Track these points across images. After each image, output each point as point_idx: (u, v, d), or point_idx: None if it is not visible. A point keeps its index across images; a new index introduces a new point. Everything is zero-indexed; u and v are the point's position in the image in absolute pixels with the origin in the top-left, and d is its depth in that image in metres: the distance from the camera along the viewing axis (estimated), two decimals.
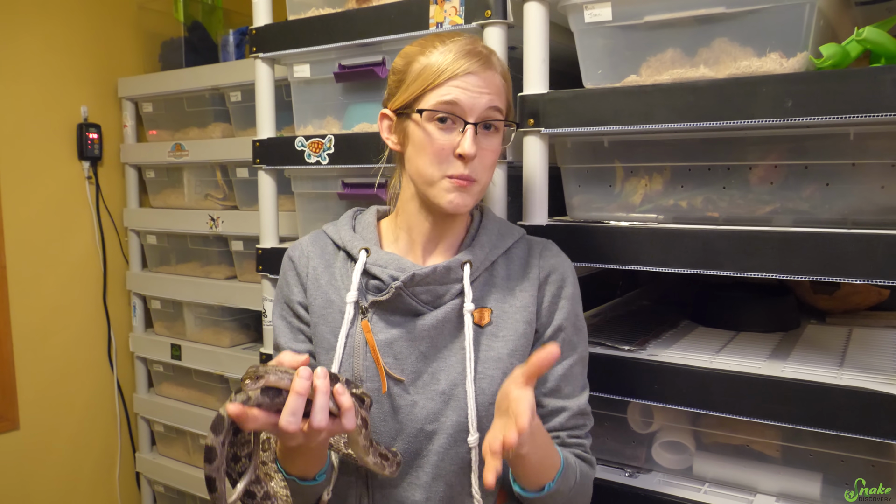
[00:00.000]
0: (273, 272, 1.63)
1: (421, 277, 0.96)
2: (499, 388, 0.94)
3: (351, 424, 0.78)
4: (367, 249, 1.00)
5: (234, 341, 2.28)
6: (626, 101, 1.11)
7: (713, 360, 1.14)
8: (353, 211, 1.11)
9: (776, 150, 1.10)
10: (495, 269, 1.02)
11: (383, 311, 0.98)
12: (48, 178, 2.32)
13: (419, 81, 0.95)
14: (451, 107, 0.93)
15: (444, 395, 0.95)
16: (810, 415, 1.01)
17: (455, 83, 0.93)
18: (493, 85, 0.95)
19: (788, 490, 1.12)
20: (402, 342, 0.96)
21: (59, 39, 2.31)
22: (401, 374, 0.96)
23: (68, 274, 2.39)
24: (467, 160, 0.93)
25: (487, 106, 0.94)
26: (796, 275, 1.00)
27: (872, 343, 1.28)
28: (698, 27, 1.09)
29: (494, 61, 0.97)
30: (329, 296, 1.01)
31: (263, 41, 1.58)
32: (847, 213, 1.05)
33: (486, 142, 0.96)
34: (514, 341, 0.98)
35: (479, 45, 0.97)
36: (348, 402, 0.78)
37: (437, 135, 0.94)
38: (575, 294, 1.03)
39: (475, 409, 0.94)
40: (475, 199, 0.97)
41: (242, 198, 2.19)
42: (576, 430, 1.00)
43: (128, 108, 2.48)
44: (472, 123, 0.93)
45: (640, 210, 1.22)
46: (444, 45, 0.95)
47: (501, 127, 0.99)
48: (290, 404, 0.75)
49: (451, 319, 0.97)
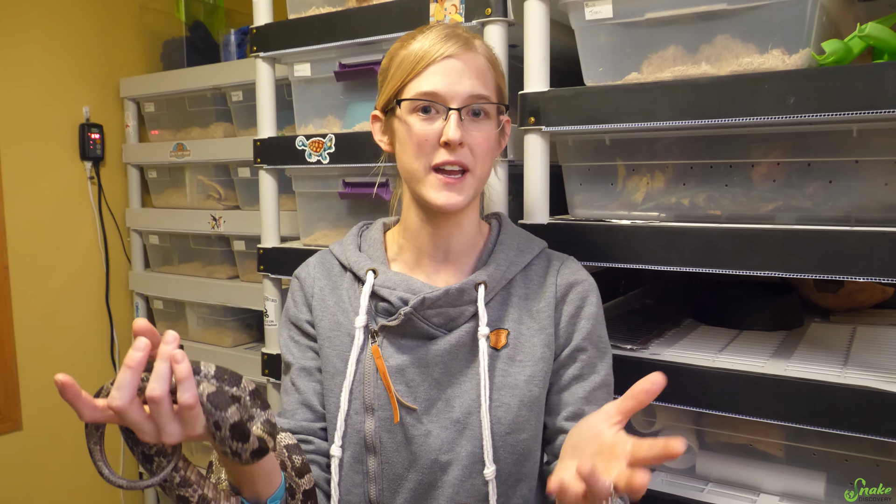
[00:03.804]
0: (274, 272, 1.62)
1: (432, 301, 0.91)
2: (516, 417, 0.90)
3: (187, 399, 0.65)
4: (374, 270, 0.95)
5: (236, 341, 2.28)
6: (628, 99, 1.10)
7: (716, 359, 1.13)
8: (358, 227, 1.07)
9: (779, 147, 1.09)
10: (513, 288, 0.96)
11: (394, 335, 0.93)
12: (50, 178, 2.33)
13: (399, 73, 0.91)
14: (431, 94, 0.88)
15: (459, 424, 0.90)
16: (814, 414, 1.00)
17: (433, 69, 0.88)
18: (474, 68, 0.89)
19: (792, 489, 1.12)
20: (413, 368, 0.91)
21: (61, 40, 2.31)
22: (413, 402, 0.91)
23: (71, 274, 2.39)
24: (452, 147, 0.87)
25: (470, 91, 0.88)
26: (799, 273, 0.99)
27: (877, 341, 1.27)
28: (700, 24, 1.08)
29: (476, 44, 0.92)
30: (337, 318, 0.97)
31: (264, 40, 1.58)
32: (850, 210, 1.05)
33: (474, 128, 0.89)
34: (533, 366, 0.92)
35: (460, 29, 0.93)
36: (183, 372, 0.65)
37: (419, 126, 0.89)
38: (597, 314, 0.97)
39: (490, 439, 0.88)
40: (470, 196, 0.91)
41: (244, 197, 2.19)
42: None
43: (130, 108, 2.48)
44: (455, 109, 0.87)
45: (641, 208, 1.21)
46: (423, 34, 0.91)
47: (493, 112, 0.92)
48: (119, 379, 0.64)
49: (466, 343, 0.92)
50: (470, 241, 0.98)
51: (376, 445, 0.91)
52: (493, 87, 0.93)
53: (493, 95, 0.92)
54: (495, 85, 0.94)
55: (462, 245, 0.97)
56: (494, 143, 0.94)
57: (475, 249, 0.99)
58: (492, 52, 0.96)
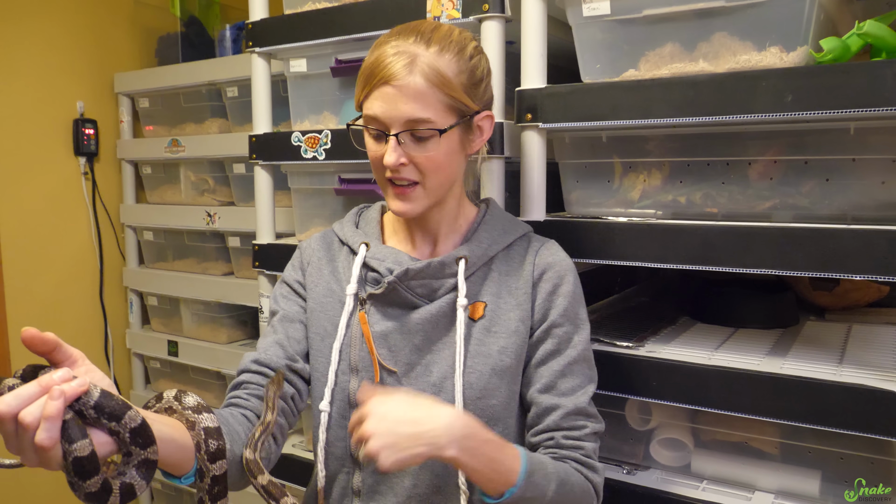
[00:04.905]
0: (270, 268, 1.62)
1: (415, 272, 0.98)
2: (487, 383, 0.96)
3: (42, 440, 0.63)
4: (366, 244, 1.03)
5: (231, 338, 2.28)
6: (625, 96, 1.10)
7: (712, 357, 1.13)
8: (358, 208, 1.13)
9: (776, 145, 1.09)
10: (493, 265, 1.01)
11: (381, 303, 1.00)
12: (44, 174, 2.31)
13: (358, 87, 0.96)
14: (374, 121, 0.93)
15: (435, 388, 0.96)
16: (809, 412, 1.00)
17: (374, 95, 0.92)
18: (411, 93, 0.90)
19: (787, 487, 1.12)
20: (396, 334, 0.98)
21: (56, 35, 2.30)
22: (394, 365, 0.98)
23: (65, 270, 2.38)
24: (393, 169, 0.93)
25: (407, 116, 0.90)
26: (796, 271, 0.99)
27: (872, 340, 1.27)
28: (697, 21, 1.08)
29: (420, 62, 0.90)
30: (331, 286, 1.04)
31: (259, 36, 1.57)
32: (847, 208, 1.05)
33: (416, 150, 0.93)
34: (507, 338, 0.97)
35: (412, 41, 0.92)
36: (51, 410, 0.63)
37: (371, 145, 0.96)
38: (573, 292, 1.01)
39: (462, 402, 0.94)
40: (424, 204, 0.96)
41: (239, 194, 2.18)
42: (573, 430, 0.96)
43: (124, 103, 2.47)
44: (392, 135, 0.92)
45: (638, 206, 1.21)
46: (378, 49, 0.94)
47: (435, 133, 0.92)
48: (21, 392, 0.64)
49: (446, 313, 0.98)
50: (454, 223, 1.04)
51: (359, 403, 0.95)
52: (440, 107, 0.92)
53: (436, 115, 0.92)
54: (442, 104, 0.92)
55: (447, 228, 1.04)
56: (445, 157, 0.95)
57: (461, 229, 1.04)
58: (442, 66, 0.92)
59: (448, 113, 0.93)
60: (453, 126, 0.94)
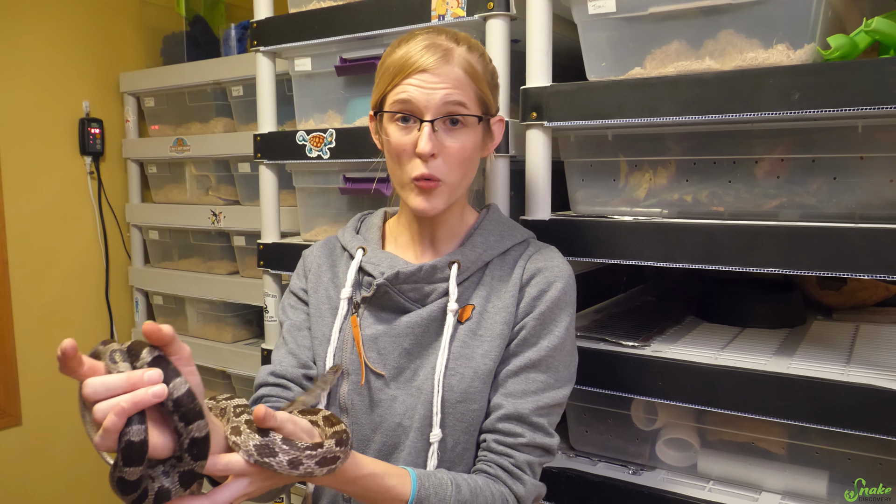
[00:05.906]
0: (274, 267, 1.62)
1: (406, 276, 0.98)
2: (469, 387, 0.94)
3: (106, 424, 0.64)
4: (363, 249, 1.04)
5: (236, 337, 2.28)
6: (631, 94, 1.09)
7: (718, 357, 1.13)
8: (361, 214, 1.14)
9: (783, 143, 1.08)
10: (488, 270, 1.01)
11: (374, 307, 1.01)
12: (50, 173, 2.32)
13: (382, 82, 0.96)
14: (406, 105, 0.93)
15: (419, 390, 0.96)
16: (816, 412, 0.99)
17: (410, 81, 0.92)
18: (450, 79, 0.92)
19: (794, 488, 1.11)
20: (386, 338, 0.98)
21: (61, 35, 2.31)
22: (383, 369, 0.98)
23: (70, 270, 2.39)
24: (425, 159, 0.92)
25: (444, 101, 0.92)
26: (803, 270, 0.99)
27: (880, 339, 1.26)
28: (704, 18, 1.07)
29: (456, 55, 0.94)
30: (329, 292, 1.05)
31: (264, 34, 1.57)
32: (855, 207, 1.04)
33: (449, 139, 0.93)
34: (490, 342, 0.96)
35: (443, 38, 0.95)
36: (122, 405, 0.64)
37: (397, 135, 0.94)
38: (558, 298, 0.97)
39: (440, 404, 0.93)
40: (445, 202, 0.96)
41: (244, 193, 2.18)
42: (506, 436, 0.92)
43: (130, 102, 2.48)
44: (427, 121, 0.92)
45: (644, 204, 1.20)
46: (407, 44, 0.95)
47: (470, 122, 0.95)
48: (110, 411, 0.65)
49: (438, 318, 0.98)
50: (454, 228, 1.04)
51: (348, 406, 0.99)
52: (473, 97, 0.95)
53: (470, 104, 0.95)
54: (475, 94, 0.96)
55: (447, 233, 1.04)
56: (472, 152, 0.97)
57: (459, 235, 1.04)
58: (474, 61, 0.96)
59: (478, 106, 0.97)
60: (482, 119, 0.97)
